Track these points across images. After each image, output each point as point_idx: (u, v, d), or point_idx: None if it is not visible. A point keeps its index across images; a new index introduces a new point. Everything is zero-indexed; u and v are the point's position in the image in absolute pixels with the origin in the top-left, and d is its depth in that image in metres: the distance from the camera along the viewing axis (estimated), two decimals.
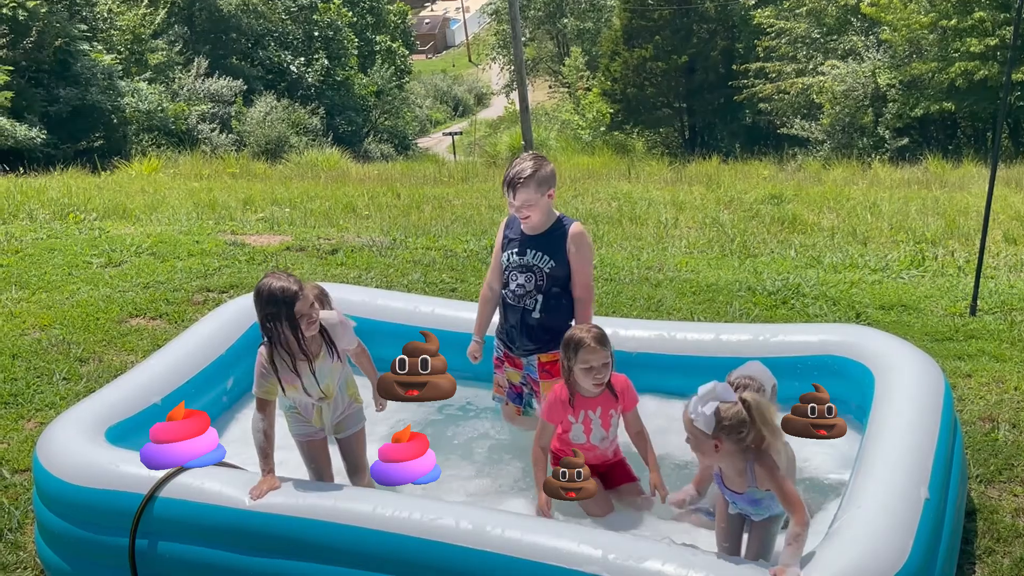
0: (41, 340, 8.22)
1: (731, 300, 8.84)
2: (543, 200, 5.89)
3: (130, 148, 30.44)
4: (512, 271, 6.06)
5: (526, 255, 6.01)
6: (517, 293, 6.03)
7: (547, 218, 5.99)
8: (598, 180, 18.31)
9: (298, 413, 5.59)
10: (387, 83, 55.17)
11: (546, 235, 5.99)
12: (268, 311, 5.20)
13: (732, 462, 4.64)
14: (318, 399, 5.50)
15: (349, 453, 5.78)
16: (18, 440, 6.72)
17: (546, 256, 5.97)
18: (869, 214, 13.25)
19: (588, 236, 6.13)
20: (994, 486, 5.88)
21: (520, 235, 6.05)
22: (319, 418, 5.60)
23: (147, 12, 40.10)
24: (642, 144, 44.51)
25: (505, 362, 6.29)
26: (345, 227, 12.29)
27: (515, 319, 6.07)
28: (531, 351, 6.10)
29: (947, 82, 31.32)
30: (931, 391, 5.59)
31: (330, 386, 5.50)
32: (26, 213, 12.93)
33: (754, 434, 4.53)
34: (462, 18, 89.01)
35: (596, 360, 5.43)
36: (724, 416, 4.50)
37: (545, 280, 5.98)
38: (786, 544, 4.41)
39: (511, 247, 6.08)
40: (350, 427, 5.72)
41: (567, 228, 6.01)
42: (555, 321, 6.01)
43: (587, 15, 61.54)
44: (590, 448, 5.67)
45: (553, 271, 5.97)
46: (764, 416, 4.52)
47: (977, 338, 7.82)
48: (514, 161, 5.97)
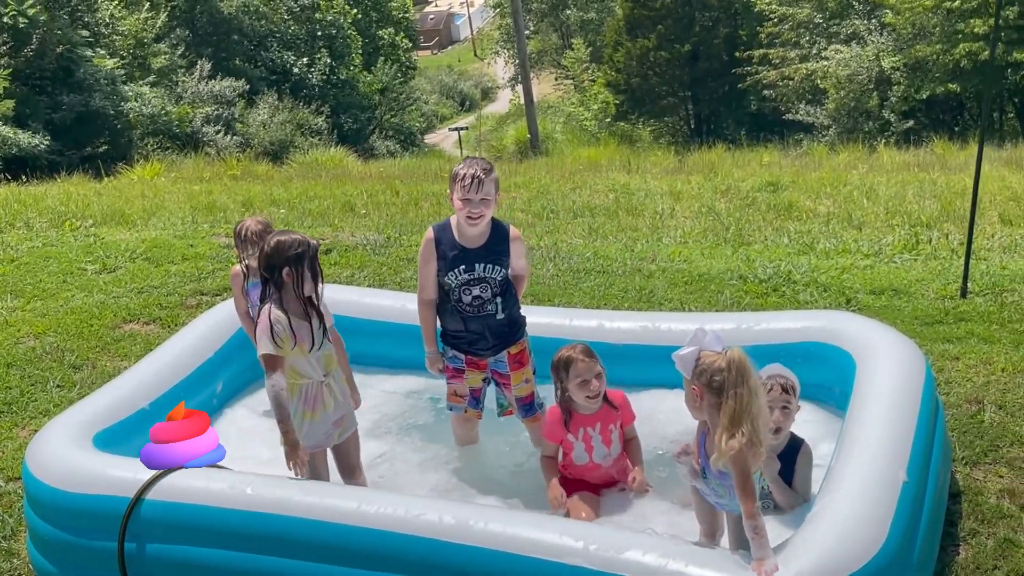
0: (35, 348, 8.28)
1: (722, 289, 8.86)
2: (495, 200, 5.82)
3: (134, 153, 30.49)
4: (463, 287, 5.88)
5: (475, 269, 5.86)
6: (475, 304, 5.90)
7: (487, 225, 5.89)
8: (597, 172, 18.30)
9: (310, 413, 5.55)
10: (391, 80, 55.20)
11: (487, 245, 5.88)
12: (290, 255, 5.32)
13: (712, 420, 4.56)
14: (325, 375, 5.53)
15: (344, 455, 5.79)
16: (12, 448, 6.78)
17: (496, 267, 5.88)
18: (866, 199, 13.23)
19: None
20: (979, 468, 5.89)
21: (459, 249, 5.86)
22: (331, 398, 5.58)
23: (149, 16, 40.19)
24: (648, 134, 44.47)
25: (466, 368, 6.12)
26: (341, 226, 12.32)
27: (478, 326, 5.95)
28: (499, 348, 6.05)
29: (952, 63, 31.23)
30: (912, 375, 5.60)
31: (329, 360, 5.55)
32: (23, 222, 12.99)
33: (741, 391, 4.41)
34: (466, 13, 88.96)
35: (588, 372, 5.48)
36: (702, 362, 4.48)
37: (499, 286, 5.91)
38: (749, 539, 4.39)
39: (455, 265, 5.85)
40: (348, 428, 5.75)
41: (507, 233, 5.95)
42: (515, 312, 6.05)
43: (590, 5, 61.49)
44: (594, 467, 5.70)
45: (503, 275, 5.92)
46: (743, 372, 4.41)
47: (967, 320, 7.82)
48: (464, 162, 5.88)
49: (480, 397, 6.23)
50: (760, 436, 4.45)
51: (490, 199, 5.76)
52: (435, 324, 6.11)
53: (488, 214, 5.81)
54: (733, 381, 4.40)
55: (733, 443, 4.36)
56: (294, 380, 5.48)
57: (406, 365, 6.94)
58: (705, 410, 4.55)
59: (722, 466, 4.48)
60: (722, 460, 4.42)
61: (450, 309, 5.97)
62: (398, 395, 7.02)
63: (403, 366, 7.05)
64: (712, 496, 4.82)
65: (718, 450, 4.42)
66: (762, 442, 4.47)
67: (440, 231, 5.92)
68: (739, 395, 4.39)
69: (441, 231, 5.92)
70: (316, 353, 5.48)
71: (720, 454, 4.41)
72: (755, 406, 4.44)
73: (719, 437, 4.41)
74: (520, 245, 6.04)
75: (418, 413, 6.88)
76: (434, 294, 6.00)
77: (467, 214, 5.75)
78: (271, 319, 5.36)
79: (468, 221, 5.79)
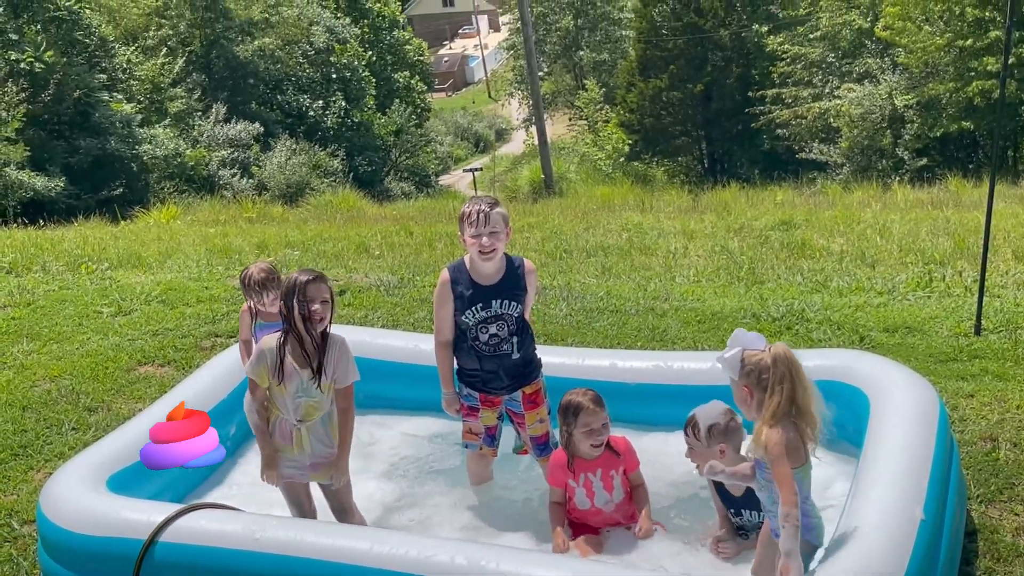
0: (51, 391, 8.31)
1: (735, 328, 8.82)
2: (505, 233, 5.84)
3: (151, 196, 30.69)
4: (480, 324, 5.91)
5: (492, 306, 5.88)
6: (492, 343, 5.93)
7: (501, 260, 5.92)
8: (610, 212, 18.36)
9: (282, 445, 5.56)
10: (406, 122, 55.54)
11: (503, 281, 5.91)
12: (286, 291, 5.44)
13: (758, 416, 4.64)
14: (297, 420, 5.52)
15: (333, 498, 5.79)
16: (27, 491, 6.79)
17: (513, 303, 5.90)
18: (879, 236, 13.22)
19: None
20: (995, 506, 5.85)
21: (475, 287, 5.89)
22: (299, 445, 5.57)
23: (165, 61, 40.59)
24: (662, 173, 44.61)
25: (481, 406, 6.13)
26: (355, 268, 12.37)
27: (494, 365, 5.97)
28: (514, 388, 6.07)
29: (965, 101, 31.29)
30: (926, 412, 5.59)
31: (311, 410, 5.52)
32: (40, 265, 13.07)
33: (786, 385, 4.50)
34: (480, 55, 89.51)
35: (596, 422, 5.52)
36: (748, 362, 4.57)
37: (516, 323, 5.94)
38: (780, 527, 4.47)
39: (473, 303, 5.88)
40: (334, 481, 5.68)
41: (522, 267, 5.98)
42: (530, 352, 6.09)
43: (603, 47, 61.91)
44: (596, 512, 5.71)
45: (520, 312, 5.95)
46: (791, 366, 4.53)
47: (980, 358, 7.78)
48: (469, 200, 5.91)
49: (495, 435, 6.24)
50: (812, 430, 4.56)
51: (499, 231, 5.78)
52: (452, 365, 6.13)
53: (500, 248, 5.83)
54: (780, 376, 4.51)
55: (773, 434, 4.46)
56: (273, 409, 5.55)
57: (420, 407, 6.95)
58: (755, 408, 4.63)
59: (760, 456, 4.56)
60: (760, 451, 4.52)
61: (466, 348, 5.99)
62: (415, 437, 7.02)
63: (417, 407, 7.07)
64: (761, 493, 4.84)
65: (755, 440, 4.53)
66: (813, 437, 4.58)
67: (455, 271, 5.96)
68: (783, 389, 4.50)
69: (456, 271, 5.95)
70: (297, 398, 5.48)
71: (757, 444, 4.52)
72: (804, 398, 4.54)
73: (758, 428, 4.53)
74: (534, 278, 6.08)
75: (435, 455, 6.86)
76: (451, 335, 6.03)
77: (479, 249, 5.77)
78: (264, 346, 5.50)
79: (481, 256, 5.81)
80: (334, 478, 5.63)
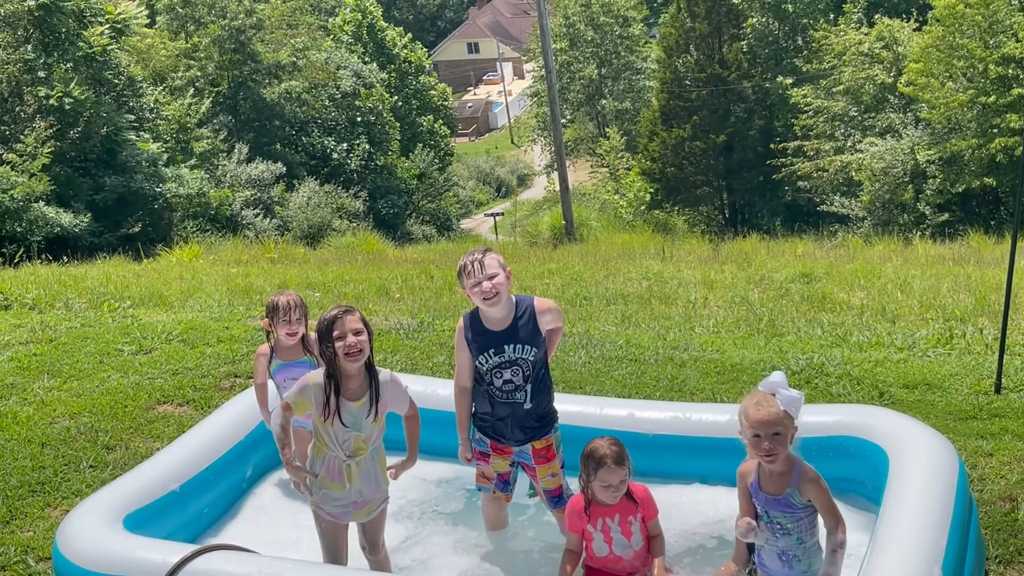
0: (70, 428, 8.35)
1: (755, 380, 8.80)
2: (504, 277, 5.81)
3: (174, 235, 30.85)
4: (494, 370, 5.92)
5: (505, 352, 5.89)
6: (506, 389, 5.93)
7: (509, 304, 5.91)
8: (631, 259, 18.36)
9: (329, 483, 5.56)
10: (429, 166, 55.82)
11: (514, 325, 5.90)
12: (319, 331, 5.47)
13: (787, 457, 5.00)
14: (348, 456, 5.52)
15: (369, 531, 5.80)
16: (43, 528, 6.81)
17: (527, 346, 5.90)
18: (900, 292, 13.18)
19: (551, 301, 6.17)
20: (1013, 567, 5.80)
21: (485, 332, 5.92)
22: (349, 480, 5.56)
23: (192, 102, 40.94)
24: (683, 222, 44.61)
25: (492, 453, 6.14)
26: (375, 310, 12.40)
27: (505, 412, 5.98)
28: (523, 441, 6.06)
29: (987, 158, 31.25)
30: (945, 471, 5.57)
31: (361, 444, 5.53)
32: (62, 302, 13.15)
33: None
34: (504, 101, 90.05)
35: (614, 479, 5.49)
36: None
37: (532, 369, 5.93)
38: (830, 551, 4.82)
39: (486, 349, 5.90)
40: (374, 510, 5.75)
41: (530, 308, 5.95)
42: (544, 406, 6.06)
43: (625, 95, 62.17)
44: (615, 559, 5.66)
45: (537, 356, 5.94)
46: None
47: (1001, 416, 7.74)
48: (463, 256, 5.89)
49: (509, 480, 6.24)
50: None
51: (497, 273, 5.77)
52: (469, 411, 6.13)
53: (502, 291, 5.81)
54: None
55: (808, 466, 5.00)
56: (321, 447, 5.55)
57: (435, 452, 6.94)
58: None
59: (809, 498, 4.93)
60: (809, 487, 4.91)
61: (482, 391, 6.02)
62: (424, 481, 7.01)
63: (432, 452, 7.05)
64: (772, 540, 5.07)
65: (804, 478, 4.93)
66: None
67: (469, 318, 6.00)
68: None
69: (470, 318, 5.99)
70: (347, 433, 5.48)
71: (807, 483, 4.93)
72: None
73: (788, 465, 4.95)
74: (550, 315, 6.02)
75: (447, 500, 6.86)
76: (469, 381, 6.05)
77: (482, 296, 5.79)
78: (308, 380, 5.51)
79: (486, 303, 5.82)
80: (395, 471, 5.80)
